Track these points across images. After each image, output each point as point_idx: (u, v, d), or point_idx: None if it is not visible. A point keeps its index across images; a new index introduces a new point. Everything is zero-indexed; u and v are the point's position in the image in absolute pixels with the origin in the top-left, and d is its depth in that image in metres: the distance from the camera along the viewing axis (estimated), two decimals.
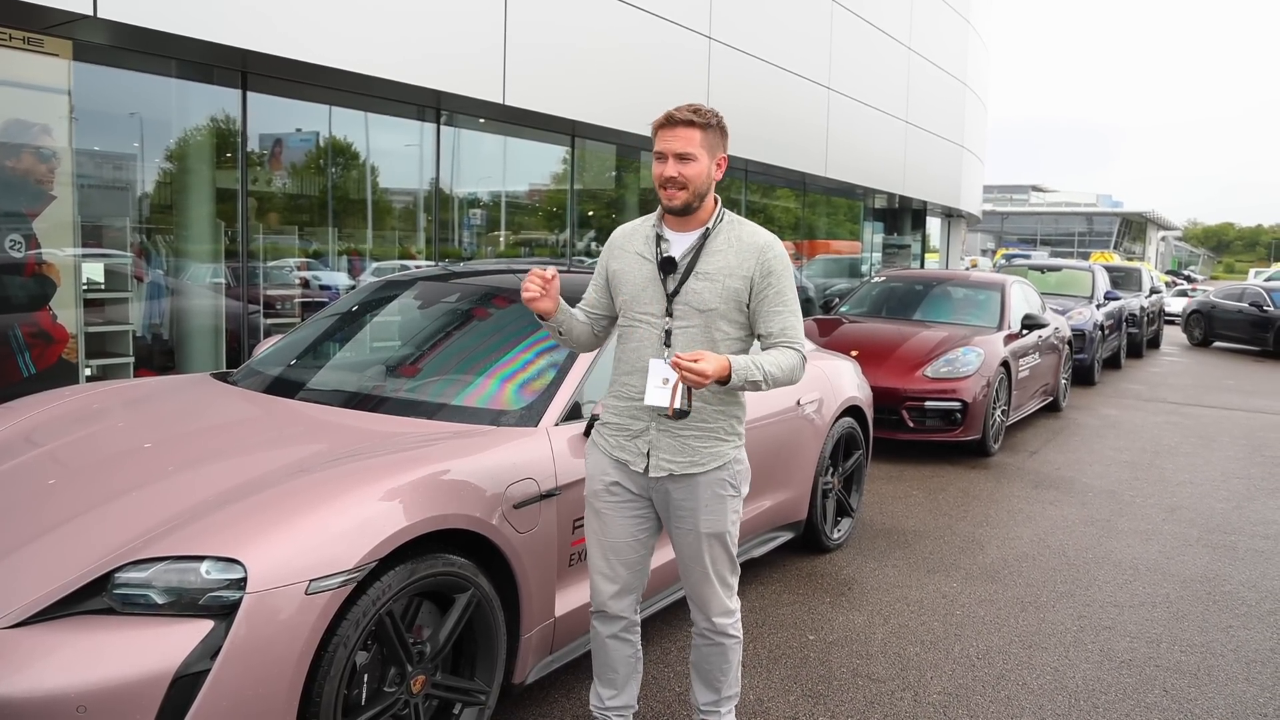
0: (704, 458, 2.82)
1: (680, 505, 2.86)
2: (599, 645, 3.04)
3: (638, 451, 2.83)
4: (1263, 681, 3.94)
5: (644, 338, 2.80)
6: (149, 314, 7.66)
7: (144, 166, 7.72)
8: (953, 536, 5.76)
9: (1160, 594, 4.91)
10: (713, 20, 11.47)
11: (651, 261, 2.81)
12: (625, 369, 2.84)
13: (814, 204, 17.24)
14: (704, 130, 2.73)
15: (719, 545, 2.90)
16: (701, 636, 3.03)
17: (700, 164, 2.72)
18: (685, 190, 2.72)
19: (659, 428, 2.80)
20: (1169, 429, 9.77)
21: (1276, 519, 6.44)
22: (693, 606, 3.02)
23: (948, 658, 4.03)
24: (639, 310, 2.81)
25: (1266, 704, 3.74)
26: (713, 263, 2.78)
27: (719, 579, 2.94)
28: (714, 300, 2.76)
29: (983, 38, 22.89)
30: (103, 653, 2.27)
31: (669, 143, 2.72)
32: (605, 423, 2.92)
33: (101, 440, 3.31)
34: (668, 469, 2.81)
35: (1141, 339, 16.78)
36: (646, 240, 2.85)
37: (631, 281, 2.82)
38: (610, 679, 3.06)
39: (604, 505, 2.90)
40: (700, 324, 2.76)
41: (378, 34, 7.41)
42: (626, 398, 2.84)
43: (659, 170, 2.74)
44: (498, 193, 11.38)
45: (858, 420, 5.46)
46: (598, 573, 2.95)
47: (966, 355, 7.89)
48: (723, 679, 3.05)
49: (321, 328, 4.43)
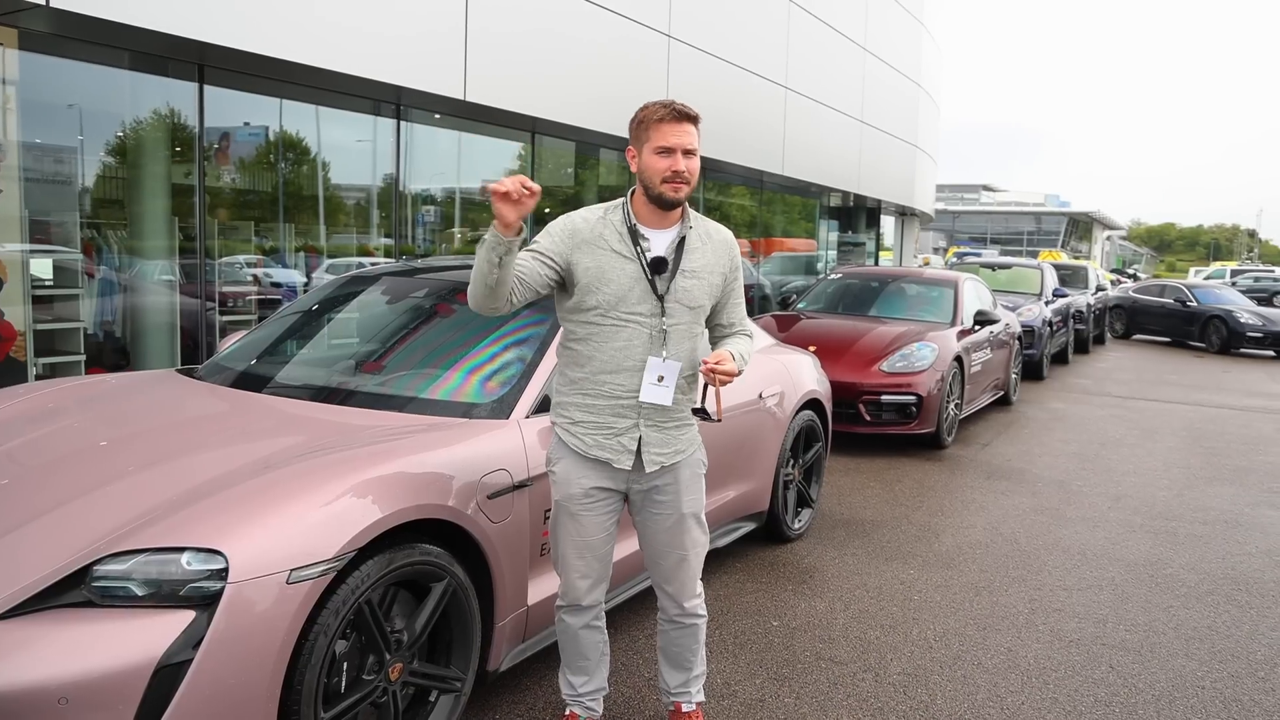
0: (684, 444, 2.93)
1: (664, 491, 2.92)
2: (570, 637, 3.08)
3: (622, 449, 2.83)
4: (1201, 657, 4.13)
5: (632, 337, 2.78)
6: (101, 311, 7.54)
7: (95, 160, 7.59)
8: (909, 526, 5.90)
9: (1106, 577, 5.08)
10: (672, 18, 11.55)
11: (633, 260, 2.77)
12: (608, 368, 2.79)
13: (770, 202, 17.40)
14: (698, 127, 2.78)
15: (697, 524, 3.00)
16: (671, 622, 3.11)
17: (697, 160, 2.78)
18: (688, 185, 2.75)
19: (648, 424, 2.83)
20: (1114, 422, 10.04)
21: (1214, 506, 6.68)
22: (662, 594, 3.08)
23: (906, 640, 4.15)
24: (626, 310, 2.77)
25: (1204, 677, 3.92)
26: (695, 260, 2.83)
27: (695, 559, 3.03)
28: (703, 297, 2.84)
29: (936, 40, 23.22)
30: (84, 644, 2.28)
31: (678, 137, 2.71)
32: (577, 423, 2.85)
33: (70, 436, 3.29)
34: (659, 462, 2.86)
35: (1088, 335, 17.17)
36: (621, 237, 2.78)
37: (615, 281, 2.75)
38: (581, 666, 3.11)
39: (579, 509, 2.89)
40: (688, 320, 2.83)
41: (340, 29, 7.37)
42: (610, 396, 2.81)
43: (665, 164, 2.71)
44: (454, 189, 11.35)
45: (817, 413, 5.57)
46: (573, 570, 2.97)
47: (921, 350, 8.05)
48: (692, 659, 3.15)
49: (288, 323, 4.44)
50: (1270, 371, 15.90)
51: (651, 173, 2.73)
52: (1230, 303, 19.49)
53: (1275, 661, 4.12)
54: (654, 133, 2.73)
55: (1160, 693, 3.77)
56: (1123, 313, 21.38)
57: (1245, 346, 18.44)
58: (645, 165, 2.74)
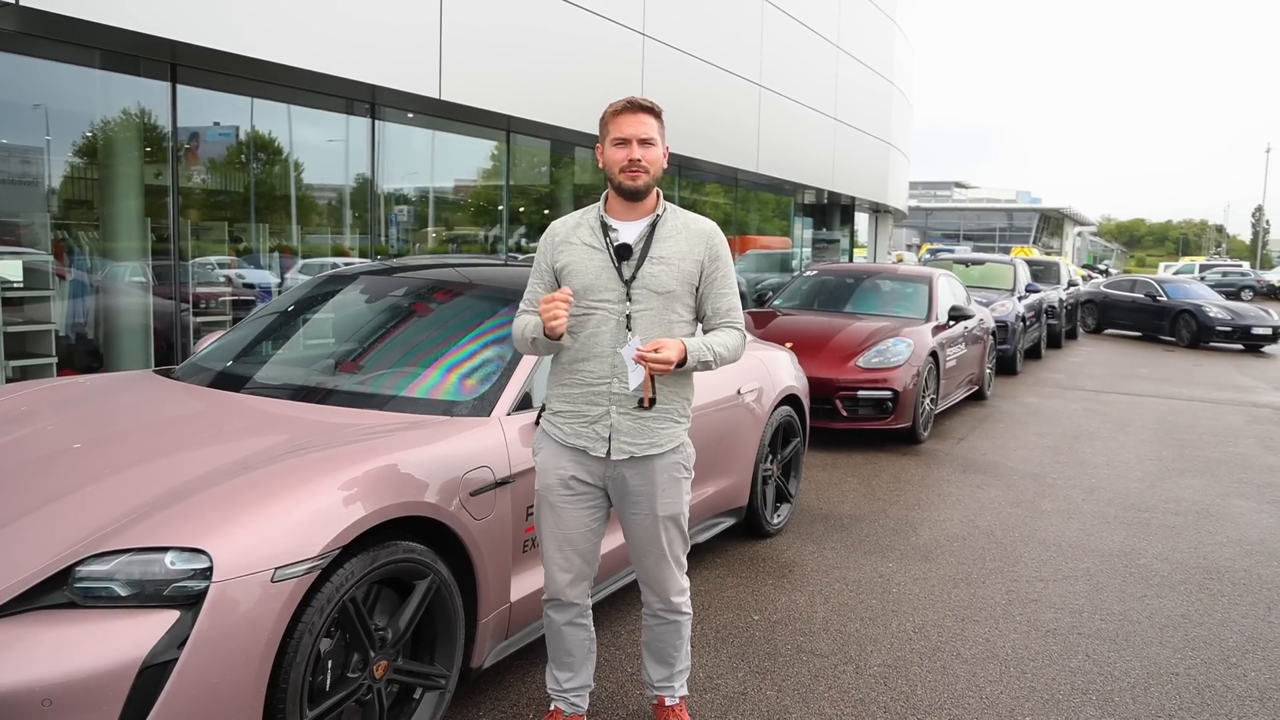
0: (662, 439, 2.92)
1: (637, 490, 2.93)
2: (554, 632, 3.10)
3: (596, 436, 2.88)
4: (1175, 644, 4.20)
5: (601, 324, 2.85)
6: (72, 313, 7.47)
7: (64, 161, 7.51)
8: (887, 520, 5.95)
9: (1081, 568, 5.15)
10: (647, 17, 11.57)
11: (602, 250, 2.87)
12: (580, 355, 2.87)
13: (744, 199, 17.46)
14: (659, 119, 2.89)
15: (674, 527, 3.01)
16: (655, 617, 3.14)
17: (658, 149, 2.87)
18: (646, 173, 2.84)
19: (619, 411, 2.86)
20: (1087, 415, 10.16)
21: (1186, 497, 6.78)
22: (646, 589, 3.11)
23: (886, 632, 4.20)
24: (594, 298, 2.85)
25: (1178, 664, 3.99)
26: (666, 248, 2.89)
27: (674, 560, 3.05)
28: (671, 283, 2.87)
29: (908, 38, 23.38)
30: (67, 645, 2.26)
31: (633, 127, 2.83)
32: (556, 411, 2.94)
33: (49, 437, 3.27)
34: (629, 451, 2.88)
35: (1060, 330, 17.36)
36: (592, 230, 2.91)
37: (584, 271, 2.87)
38: (566, 662, 3.13)
39: (558, 499, 2.94)
40: (658, 306, 2.86)
41: (315, 27, 7.34)
42: (583, 384, 2.88)
43: (622, 154, 2.82)
44: (428, 189, 11.31)
45: (795, 409, 5.61)
46: (553, 564, 3.00)
47: (897, 346, 8.12)
48: (676, 654, 3.18)
49: (266, 323, 4.42)
50: (1239, 365, 16.13)
51: (611, 163, 2.86)
52: (1200, 297, 19.71)
53: (1247, 648, 4.20)
54: (612, 126, 2.86)
55: (1136, 680, 3.83)
56: (1094, 308, 21.55)
57: (1215, 340, 18.67)
58: (606, 158, 2.88)
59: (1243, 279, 41.33)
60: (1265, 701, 3.70)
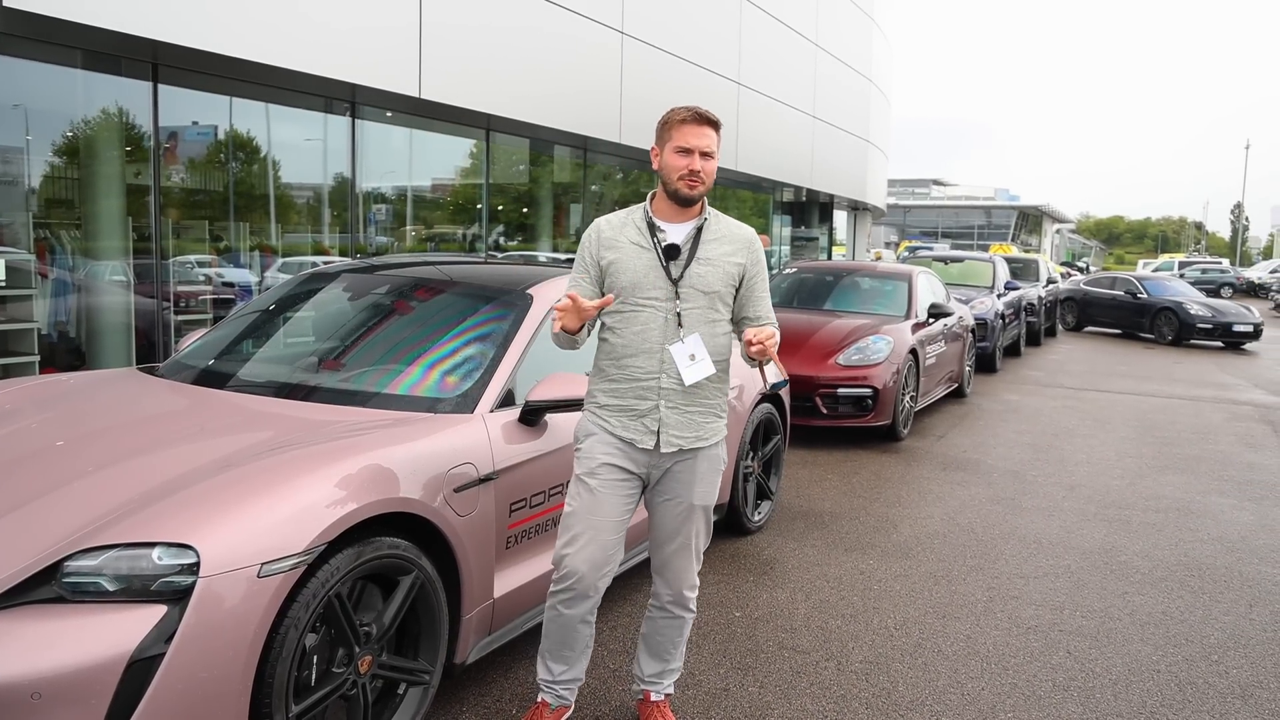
0: (707, 432, 3.03)
1: (678, 478, 3.03)
2: (560, 625, 3.06)
3: (645, 429, 2.96)
4: (1156, 641, 4.24)
5: (649, 321, 2.94)
6: (54, 311, 7.46)
7: (44, 161, 7.50)
8: (867, 517, 6.00)
9: (1062, 565, 5.20)
10: (625, 15, 11.59)
11: (650, 250, 2.96)
12: (628, 352, 2.96)
13: (723, 197, 17.51)
14: (718, 132, 2.99)
15: (704, 517, 3.11)
16: (662, 610, 3.19)
17: (715, 162, 2.97)
18: (704, 184, 2.94)
19: (668, 405, 2.95)
20: (1067, 412, 10.26)
21: (1166, 494, 6.85)
22: (659, 580, 3.17)
23: (867, 629, 4.24)
24: (642, 296, 2.95)
25: (1159, 661, 4.03)
26: (712, 250, 3.00)
27: (696, 551, 3.13)
28: (717, 283, 2.98)
29: (886, 35, 23.49)
30: (56, 640, 2.28)
31: (698, 139, 2.92)
32: (604, 405, 3.01)
33: (34, 434, 3.26)
34: (677, 444, 2.97)
35: (1039, 327, 17.47)
36: (640, 230, 3.00)
37: (631, 269, 2.95)
38: (564, 655, 3.12)
39: (600, 484, 2.97)
40: (704, 305, 2.97)
41: (294, 27, 7.34)
42: (631, 379, 2.96)
43: (684, 163, 2.91)
44: (406, 187, 11.30)
45: (776, 406, 5.65)
46: (578, 549, 2.95)
47: (877, 343, 8.17)
48: (673, 651, 3.24)
49: (249, 320, 4.42)
50: (1220, 362, 16.28)
51: (670, 170, 2.94)
52: (1180, 294, 19.81)
53: (1228, 645, 4.23)
54: (675, 133, 2.94)
55: (1117, 677, 3.86)
56: (1074, 305, 21.63)
57: (1195, 338, 18.81)
58: (666, 163, 2.95)
59: (1223, 276, 41.64)
60: (1247, 699, 3.74)
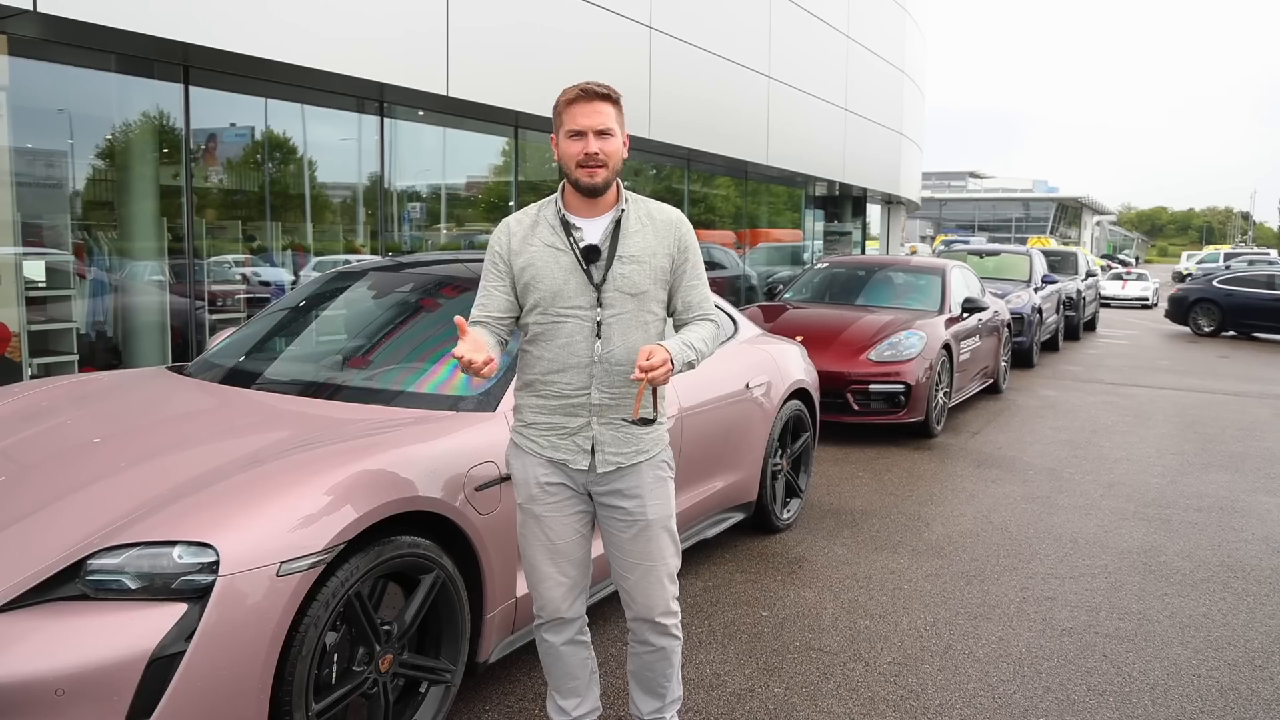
0: (646, 444, 2.74)
1: (625, 495, 2.73)
2: (554, 656, 2.90)
3: (577, 448, 2.69)
4: (1196, 645, 4.12)
5: (574, 333, 2.64)
6: (92, 311, 7.58)
7: (84, 163, 7.63)
8: (899, 515, 5.93)
9: (1099, 565, 5.10)
10: (653, 10, 11.55)
11: (567, 251, 2.64)
12: (555, 366, 2.66)
13: (755, 192, 17.42)
14: (617, 106, 2.66)
15: (666, 532, 2.79)
16: (643, 644, 2.89)
17: (617, 140, 2.64)
18: (605, 168, 2.61)
19: (601, 421, 2.67)
20: (1106, 408, 10.08)
21: (1209, 492, 6.69)
22: (631, 612, 2.85)
23: (896, 630, 4.18)
24: (563, 305, 2.64)
25: (1199, 666, 3.92)
26: (634, 244, 2.67)
27: (665, 572, 2.81)
28: (645, 283, 2.67)
29: (920, 26, 23.24)
30: (79, 636, 2.31)
31: (589, 118, 2.60)
32: (531, 424, 2.74)
33: (63, 433, 3.31)
34: (615, 462, 2.69)
35: (1079, 322, 17.21)
36: (553, 229, 2.67)
37: (550, 276, 2.64)
38: (571, 688, 2.93)
39: (543, 509, 2.74)
40: (632, 309, 2.66)
41: (323, 26, 7.38)
42: (559, 396, 2.68)
43: (578, 147, 2.60)
44: (439, 185, 11.35)
45: (805, 403, 5.60)
46: (546, 579, 2.79)
47: (909, 339, 8.08)
48: (666, 684, 2.94)
49: (276, 319, 4.45)
50: (1265, 357, 15.90)
51: (567, 158, 2.63)
52: None
53: (1273, 650, 4.10)
54: (565, 116, 2.63)
55: (1155, 681, 3.76)
56: (1214, 307, 18.73)
57: None
58: (561, 152, 2.65)
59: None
60: None
